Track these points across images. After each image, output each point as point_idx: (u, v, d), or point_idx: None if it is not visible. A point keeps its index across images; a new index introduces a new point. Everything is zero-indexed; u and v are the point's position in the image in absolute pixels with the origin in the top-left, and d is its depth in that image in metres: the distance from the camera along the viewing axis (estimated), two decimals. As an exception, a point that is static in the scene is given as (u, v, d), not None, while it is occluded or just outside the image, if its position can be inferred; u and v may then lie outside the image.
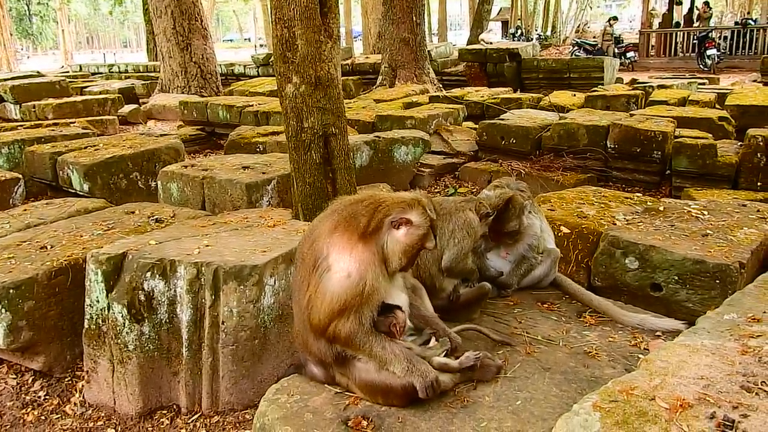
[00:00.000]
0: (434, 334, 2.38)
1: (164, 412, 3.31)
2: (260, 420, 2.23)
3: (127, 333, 3.21)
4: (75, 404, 3.38)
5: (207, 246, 3.43)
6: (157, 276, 3.21)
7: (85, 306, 3.31)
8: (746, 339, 1.84)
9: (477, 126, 8.63)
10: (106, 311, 3.24)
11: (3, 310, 3.24)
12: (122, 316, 3.19)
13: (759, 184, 6.24)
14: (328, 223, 2.22)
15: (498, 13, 36.12)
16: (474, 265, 2.93)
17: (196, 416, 3.27)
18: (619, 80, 14.40)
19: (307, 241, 2.28)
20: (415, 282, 2.56)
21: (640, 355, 2.58)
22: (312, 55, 4.39)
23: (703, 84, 13.03)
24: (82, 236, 3.88)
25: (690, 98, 9.68)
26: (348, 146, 4.77)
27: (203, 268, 3.17)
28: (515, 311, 2.98)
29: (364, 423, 2.15)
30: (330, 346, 2.23)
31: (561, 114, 8.79)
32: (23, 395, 3.43)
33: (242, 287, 3.18)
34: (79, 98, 12.87)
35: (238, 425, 3.21)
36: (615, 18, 26.21)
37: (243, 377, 3.29)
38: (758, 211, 4.13)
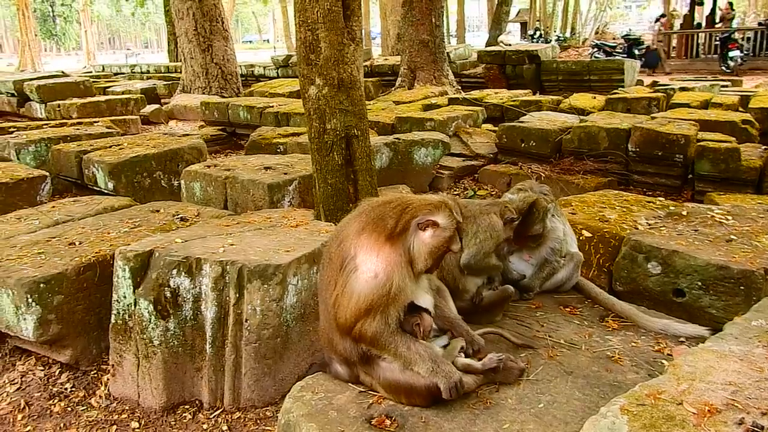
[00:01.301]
0: (457, 336, 2.40)
1: (187, 407, 3.36)
2: (285, 416, 2.27)
3: (152, 329, 3.27)
4: (100, 397, 3.45)
5: (231, 245, 3.48)
6: (183, 273, 3.27)
7: (113, 301, 3.37)
8: (775, 345, 1.84)
9: (496, 128, 8.62)
10: (133, 307, 3.30)
11: (33, 304, 3.31)
12: (148, 312, 3.25)
13: (783, 188, 6.18)
14: (356, 224, 2.26)
15: (517, 15, 36.02)
16: (497, 262, 2.94)
17: (218, 412, 3.32)
18: (640, 82, 14.29)
19: (335, 241, 2.32)
20: (440, 283, 2.58)
21: (664, 361, 2.58)
22: (335, 58, 4.43)
23: (726, 86, 12.87)
24: (109, 233, 3.95)
25: (712, 101, 9.58)
26: (370, 148, 4.81)
27: (228, 267, 3.22)
28: (537, 314, 2.99)
29: (388, 422, 2.17)
30: (355, 346, 2.26)
31: (581, 117, 8.76)
32: (51, 387, 3.50)
33: (266, 286, 3.23)
34: (102, 98, 13.07)
35: (258, 422, 3.25)
36: (663, 15, 25.41)
37: (265, 375, 3.33)
38: (784, 216, 4.09)
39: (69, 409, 3.38)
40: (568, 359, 2.56)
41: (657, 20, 24.53)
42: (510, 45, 17.47)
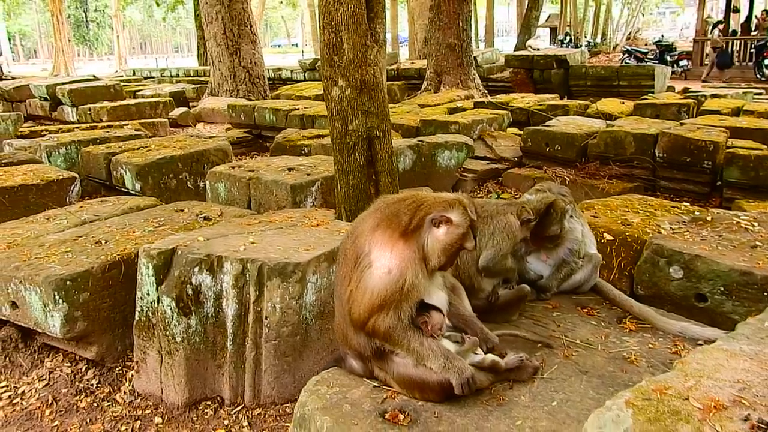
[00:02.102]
0: (471, 334, 2.41)
1: (208, 403, 3.42)
2: (301, 410, 2.30)
3: (175, 325, 3.33)
4: (125, 393, 3.53)
5: (252, 243, 3.53)
6: (205, 271, 3.33)
7: (136, 299, 3.45)
8: (787, 346, 1.81)
9: (522, 132, 8.59)
10: (156, 304, 3.37)
11: (60, 301, 3.40)
12: (171, 309, 3.32)
13: (814, 197, 6.04)
14: (371, 221, 2.29)
15: (546, 20, 35.81)
16: (513, 265, 2.94)
17: (238, 408, 3.37)
18: (671, 89, 14.11)
19: (350, 237, 2.35)
20: (455, 281, 2.60)
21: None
22: (358, 59, 4.47)
23: (759, 94, 12.65)
24: (134, 232, 4.04)
25: (744, 108, 9.41)
26: (392, 149, 4.84)
27: (248, 265, 3.27)
28: (554, 315, 2.98)
29: (401, 416, 2.19)
30: (369, 341, 2.29)
31: (608, 122, 8.68)
32: (77, 383, 3.59)
33: (285, 284, 3.27)
34: (132, 101, 13.33)
35: (279, 418, 3.29)
36: (720, 22, 23.92)
37: (284, 372, 3.37)
38: (811, 223, 4.01)
39: (95, 404, 3.46)
40: (584, 359, 2.55)
41: (714, 26, 23.73)
42: (538, 50, 17.38)
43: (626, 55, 23.17)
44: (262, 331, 3.31)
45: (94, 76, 18.38)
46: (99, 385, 3.60)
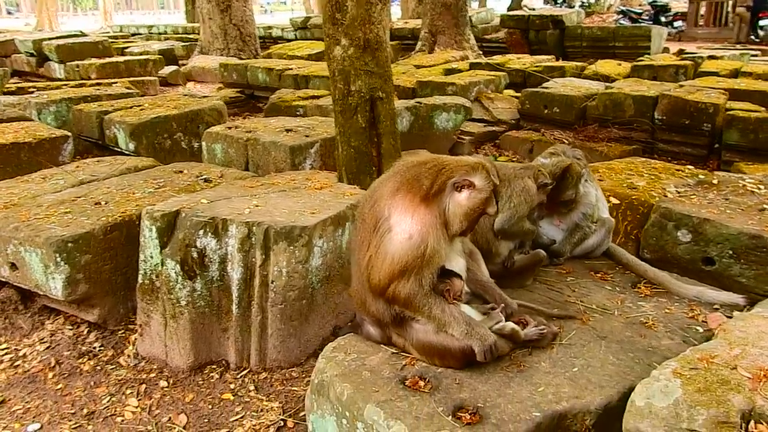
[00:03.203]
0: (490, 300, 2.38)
1: (214, 366, 3.39)
2: (319, 376, 2.27)
3: (179, 289, 3.28)
4: (128, 356, 3.48)
5: (257, 206, 3.46)
6: (210, 234, 3.26)
7: (139, 261, 3.38)
8: (826, 313, 1.79)
9: (519, 94, 8.49)
10: (160, 267, 3.30)
11: (62, 263, 3.32)
12: (175, 272, 3.26)
13: (814, 160, 6.04)
14: (391, 185, 2.22)
15: (540, -21, 35.14)
16: (531, 227, 2.90)
17: (244, 372, 3.35)
18: (666, 50, 13.95)
19: (369, 201, 2.28)
20: (472, 247, 2.55)
21: (698, 327, 2.55)
22: (361, 17, 4.33)
23: (756, 56, 12.55)
24: (134, 193, 3.95)
25: (742, 70, 9.34)
26: (394, 111, 4.74)
27: (254, 228, 3.21)
28: (568, 280, 2.96)
29: (421, 383, 2.17)
30: (388, 307, 2.24)
31: (606, 84, 8.58)
32: (80, 346, 3.54)
33: (292, 248, 3.21)
34: (121, 59, 12.99)
35: (285, 382, 3.27)
36: None
37: (290, 336, 3.34)
38: (817, 187, 3.99)
39: (98, 367, 3.42)
40: (601, 324, 2.54)
41: None
42: (534, 9, 17.07)
43: (620, 15, 22.82)
44: (268, 295, 3.27)
45: (81, 31, 17.82)
46: (102, 348, 3.56)
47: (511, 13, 16.93)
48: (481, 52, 14.15)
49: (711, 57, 11.28)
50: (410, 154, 6.42)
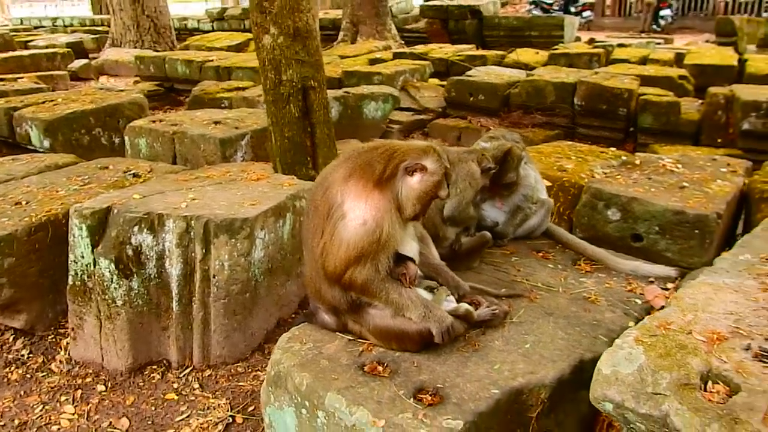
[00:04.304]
0: (443, 282, 2.41)
1: (154, 367, 3.28)
2: (275, 368, 2.22)
3: (115, 288, 3.13)
4: (61, 362, 3.30)
5: (194, 200, 3.35)
6: (145, 230, 3.13)
7: (69, 262, 3.21)
8: (764, 278, 1.92)
9: (444, 83, 8.59)
10: (92, 267, 3.15)
11: (-18, 267, 3.11)
12: (110, 271, 3.11)
13: (719, 140, 6.42)
14: (342, 171, 2.19)
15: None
16: (475, 213, 2.95)
17: (187, 370, 3.25)
18: (578, 39, 14.50)
19: (320, 188, 2.25)
20: (423, 231, 2.57)
21: (637, 300, 2.68)
22: (290, 5, 4.26)
23: (659, 44, 13.24)
24: (58, 191, 3.73)
25: (650, 57, 9.83)
26: (327, 100, 4.70)
27: (193, 222, 3.11)
28: (513, 260, 3.03)
29: (380, 368, 2.17)
30: (344, 294, 2.22)
31: (528, 71, 8.82)
32: (5, 354, 3.33)
33: (233, 240, 3.14)
34: (25, 52, 12.23)
35: (231, 378, 3.20)
36: None
37: (235, 330, 3.27)
38: (728, 165, 4.25)
39: (28, 375, 3.23)
40: (548, 301, 2.62)
41: None
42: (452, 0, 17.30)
43: (532, 6, 23.50)
44: (210, 290, 3.18)
45: (-25, 24, 16.68)
46: (31, 355, 3.36)
47: (430, 3, 17.07)
48: (403, 42, 14.25)
49: (620, 45, 11.81)
50: (341, 144, 6.40)
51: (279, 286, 3.49)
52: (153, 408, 3.00)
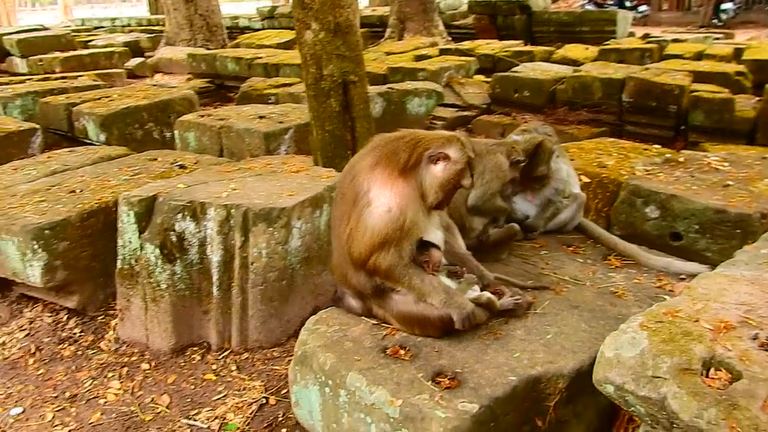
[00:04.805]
0: (467, 271, 2.45)
1: (195, 348, 3.43)
2: (301, 348, 2.32)
3: (159, 272, 3.29)
4: (109, 341, 3.50)
5: (234, 190, 3.48)
6: (188, 218, 3.28)
7: (118, 247, 3.39)
8: (783, 271, 1.90)
9: (489, 79, 8.56)
10: (139, 251, 3.32)
11: (39, 250, 3.31)
12: (155, 256, 3.27)
13: (776, 139, 6.22)
14: (369, 159, 2.27)
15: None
16: (503, 204, 2.98)
17: (226, 353, 3.38)
18: (632, 35, 14.17)
19: (348, 176, 2.33)
20: (449, 221, 2.62)
21: (666, 296, 2.65)
22: (331, 1, 4.35)
23: (718, 39, 12.81)
24: (109, 181, 3.94)
25: (706, 52, 9.54)
26: (367, 94, 4.77)
27: (233, 211, 3.24)
28: (542, 253, 3.05)
29: (402, 351, 2.24)
30: (369, 279, 2.30)
31: (575, 67, 8.71)
32: (59, 332, 3.54)
33: (271, 229, 3.25)
34: (85, 52, 12.76)
35: (266, 362, 3.32)
36: None
37: (271, 316, 3.38)
38: (779, 163, 4.14)
39: (79, 352, 3.43)
40: (574, 294, 2.63)
41: None
42: (501, -5, 17.13)
43: (586, 1, 23.07)
44: (248, 276, 3.30)
45: (42, 25, 17.41)
46: (82, 333, 3.56)
47: (478, -1, 16.98)
48: (450, 38, 14.22)
49: (675, 40, 11.48)
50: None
51: (315, 275, 3.59)
52: (192, 387, 3.15)
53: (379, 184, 2.20)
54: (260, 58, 10.36)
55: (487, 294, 2.37)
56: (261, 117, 5.78)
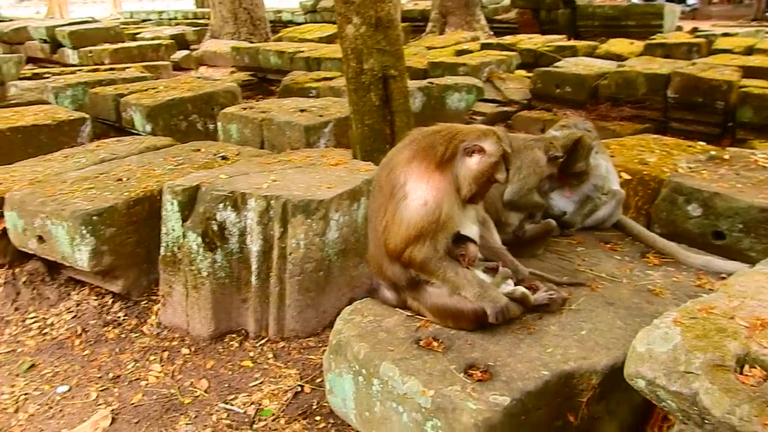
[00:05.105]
0: (502, 266, 2.46)
1: (233, 335, 3.51)
2: (336, 337, 2.36)
3: (200, 260, 3.39)
4: (151, 325, 3.62)
5: (274, 181, 3.55)
6: (229, 207, 3.36)
7: (161, 234, 3.49)
8: (826, 270, 1.86)
9: (530, 74, 8.48)
10: (182, 239, 3.42)
11: (87, 236, 3.44)
12: (197, 244, 3.36)
13: (829, 137, 6.02)
14: (406, 153, 2.30)
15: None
16: (540, 200, 2.97)
17: (263, 341, 3.46)
18: (679, 29, 13.83)
19: (385, 169, 2.37)
20: (485, 215, 2.63)
21: (705, 295, 2.61)
22: (373, -5, 4.38)
23: (771, 33, 12.41)
24: (154, 170, 4.05)
25: (757, 47, 9.25)
26: (407, 89, 4.79)
27: (272, 202, 3.30)
28: (578, 250, 3.03)
29: (435, 343, 2.26)
30: (404, 271, 2.33)
31: (619, 62, 8.55)
32: (105, 315, 3.68)
33: (309, 221, 3.31)
34: (133, 44, 13.07)
35: (302, 351, 3.38)
36: None
37: (308, 306, 3.45)
38: (827, 161, 4.01)
39: (123, 335, 3.56)
40: (610, 291, 2.61)
41: None
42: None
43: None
44: (286, 266, 3.37)
45: (92, 18, 17.91)
46: (126, 317, 3.69)
47: (521, -7, 16.77)
48: (492, 33, 14.11)
49: (725, 34, 11.18)
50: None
51: (352, 267, 3.64)
52: (230, 372, 3.24)
53: (415, 177, 2.23)
54: (302, 51, 10.46)
55: (521, 288, 2.38)
56: (302, 110, 5.86)
